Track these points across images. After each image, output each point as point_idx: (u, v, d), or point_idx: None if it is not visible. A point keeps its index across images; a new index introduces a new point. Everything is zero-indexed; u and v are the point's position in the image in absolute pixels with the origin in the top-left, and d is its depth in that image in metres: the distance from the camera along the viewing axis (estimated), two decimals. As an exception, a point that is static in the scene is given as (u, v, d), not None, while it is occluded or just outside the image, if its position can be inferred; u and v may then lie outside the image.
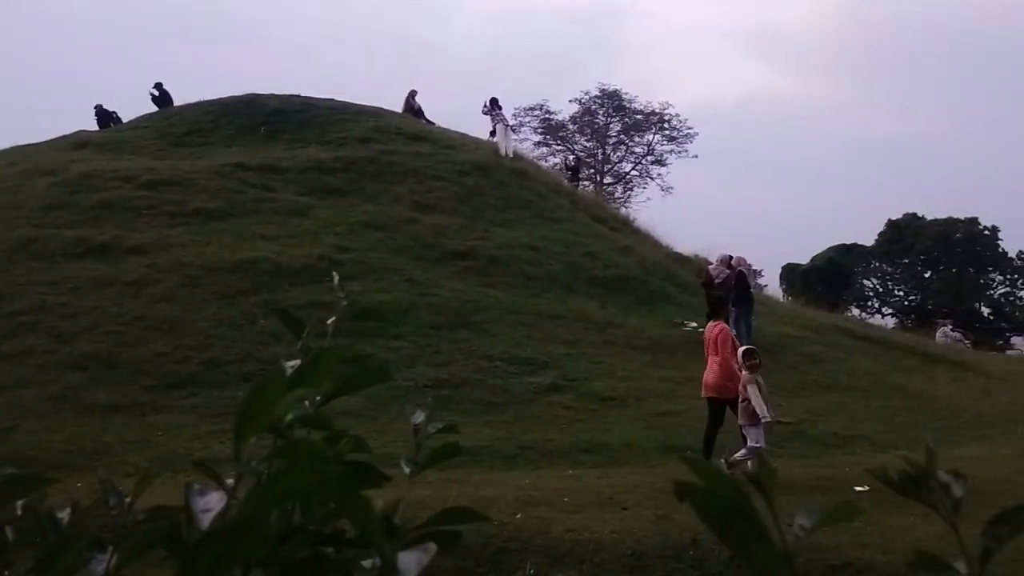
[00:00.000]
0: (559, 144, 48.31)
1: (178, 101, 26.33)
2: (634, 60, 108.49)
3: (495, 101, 23.79)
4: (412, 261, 17.03)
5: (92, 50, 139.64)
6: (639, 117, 48.12)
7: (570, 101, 49.19)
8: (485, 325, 15.10)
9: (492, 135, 23.88)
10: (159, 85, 27.05)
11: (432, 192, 19.97)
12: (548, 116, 48.34)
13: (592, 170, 47.11)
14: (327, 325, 1.03)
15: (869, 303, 53.70)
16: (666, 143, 47.99)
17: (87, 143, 23.12)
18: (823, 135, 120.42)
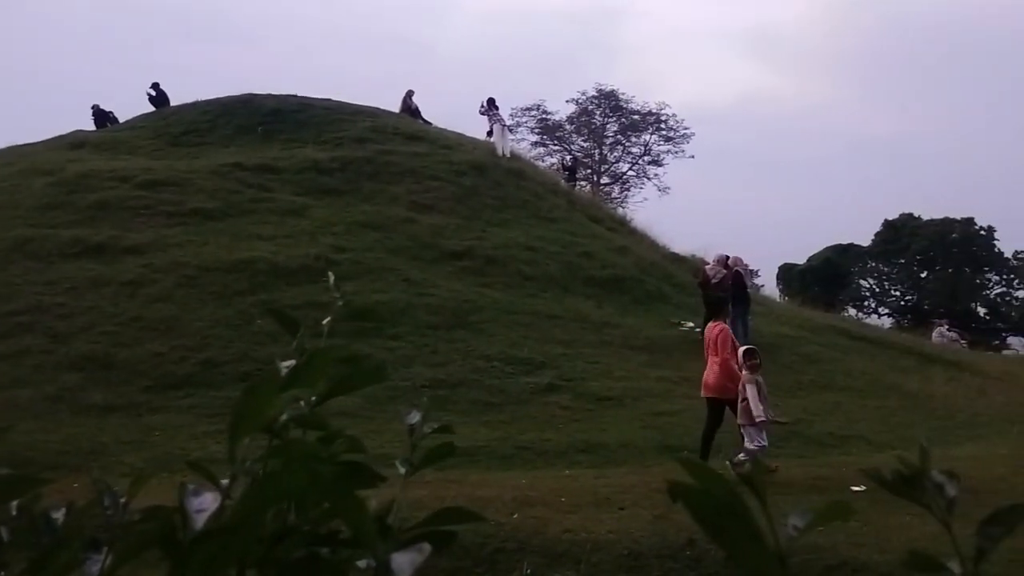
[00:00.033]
0: (556, 144, 48.32)
1: (175, 101, 26.30)
2: (631, 60, 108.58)
3: (492, 101, 23.78)
4: (409, 261, 17.03)
5: (89, 50, 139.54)
6: (636, 117, 48.13)
7: (567, 101, 49.23)
8: (482, 325, 15.10)
9: (489, 135, 23.87)
10: (156, 85, 27.02)
11: (429, 192, 19.96)
12: (545, 116, 48.37)
13: (589, 170, 47.14)
14: (323, 325, 1.03)
15: (865, 303, 53.76)
16: (663, 143, 48.05)
17: (84, 143, 23.08)
18: (820, 135, 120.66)
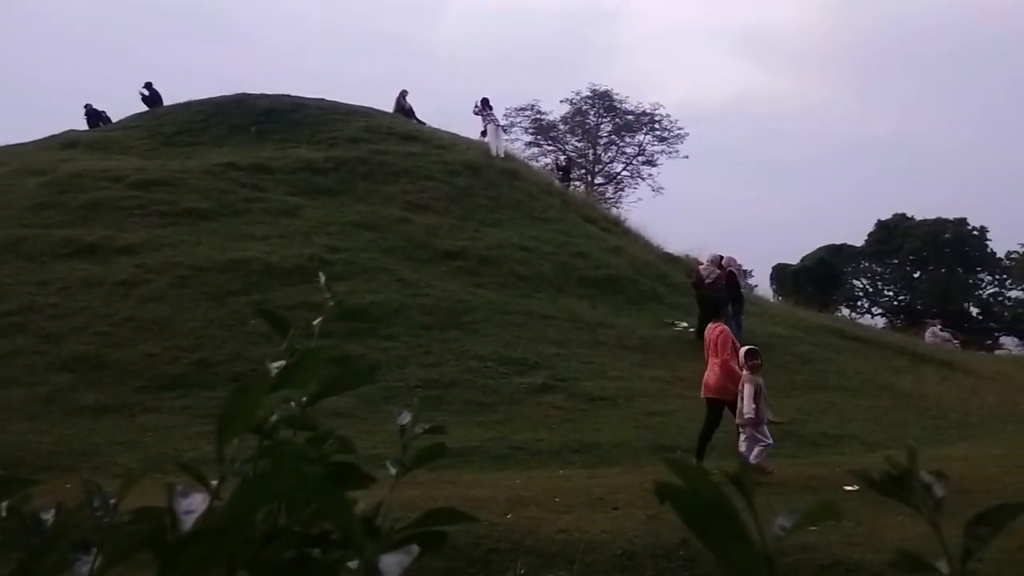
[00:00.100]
0: (550, 144, 48.37)
1: (168, 101, 26.23)
2: (625, 60, 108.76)
3: (486, 101, 23.80)
4: (403, 261, 17.02)
5: (82, 49, 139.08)
6: (630, 117, 48.20)
7: (561, 101, 49.34)
8: (476, 325, 15.09)
9: (483, 135, 23.88)
10: (149, 85, 26.96)
11: (423, 192, 19.94)
12: (539, 116, 48.41)
13: (583, 170, 47.16)
14: (313, 326, 1.03)
15: (859, 303, 53.88)
16: (657, 143, 48.16)
17: (76, 143, 23.01)
18: (813, 136, 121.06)
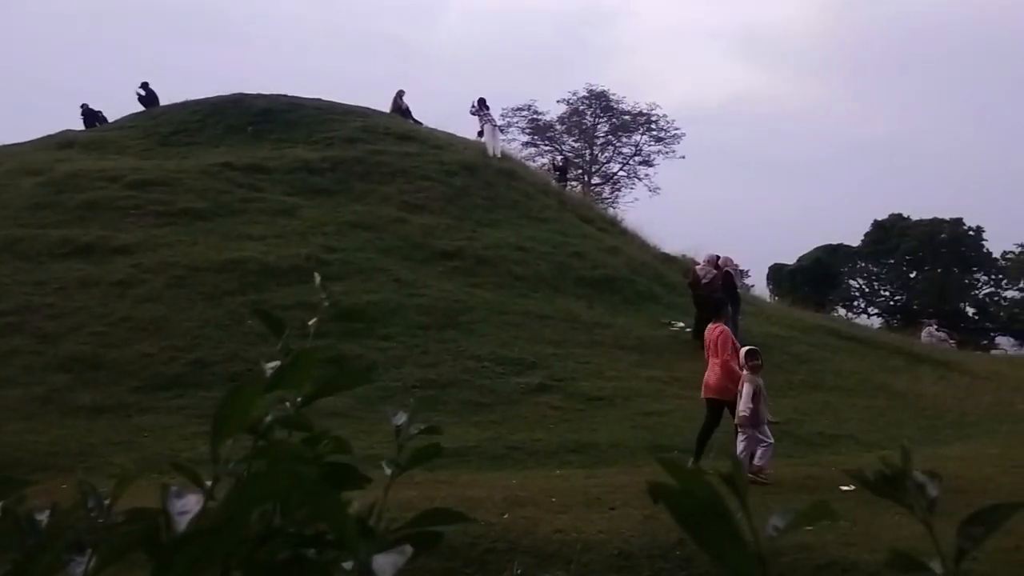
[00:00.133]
0: (547, 144, 48.37)
1: (164, 101, 26.21)
2: (623, 61, 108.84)
3: (483, 101, 23.78)
4: (400, 261, 17.01)
5: (78, 49, 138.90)
6: (627, 118, 48.22)
7: (558, 102, 49.34)
8: (473, 325, 15.09)
9: (480, 135, 23.87)
10: (145, 84, 26.93)
11: (420, 192, 19.93)
12: (536, 116, 48.43)
13: (580, 170, 47.15)
14: (309, 326, 1.03)
15: (855, 303, 53.98)
16: (653, 144, 48.17)
17: (73, 143, 22.97)
18: (810, 136, 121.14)
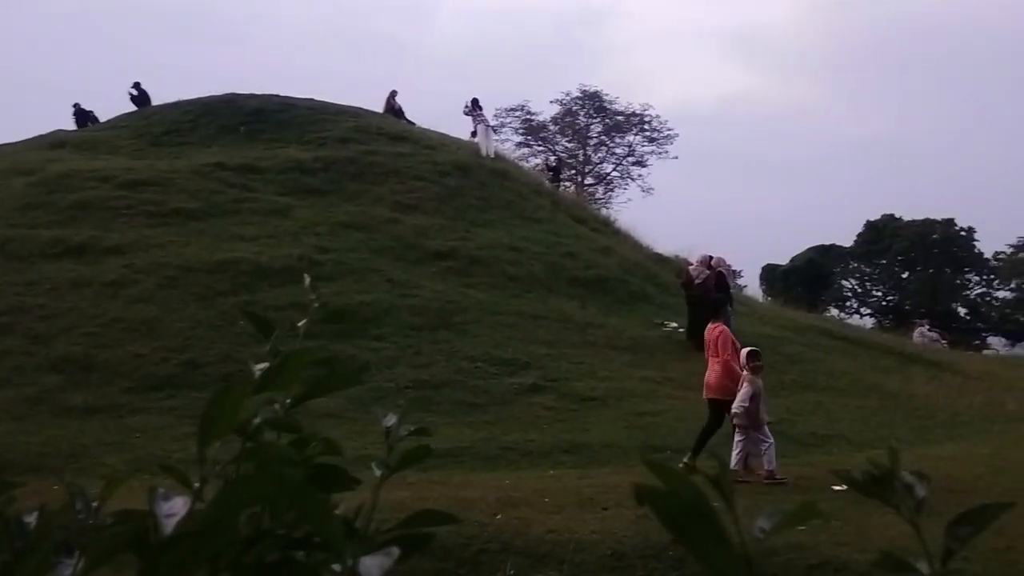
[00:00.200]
0: (540, 145, 48.36)
1: (156, 101, 26.13)
2: (617, 61, 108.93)
3: (476, 102, 23.77)
4: (393, 262, 16.98)
5: (70, 48, 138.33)
6: (620, 118, 48.23)
7: (551, 102, 49.26)
8: (466, 326, 15.08)
9: (473, 135, 23.86)
10: (137, 84, 26.84)
11: (413, 192, 19.91)
12: (529, 117, 48.39)
13: (573, 171, 47.18)
14: (298, 327, 1.03)
15: (847, 303, 54.11)
16: (647, 144, 48.17)
17: (64, 143, 22.89)
18: (802, 137, 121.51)
